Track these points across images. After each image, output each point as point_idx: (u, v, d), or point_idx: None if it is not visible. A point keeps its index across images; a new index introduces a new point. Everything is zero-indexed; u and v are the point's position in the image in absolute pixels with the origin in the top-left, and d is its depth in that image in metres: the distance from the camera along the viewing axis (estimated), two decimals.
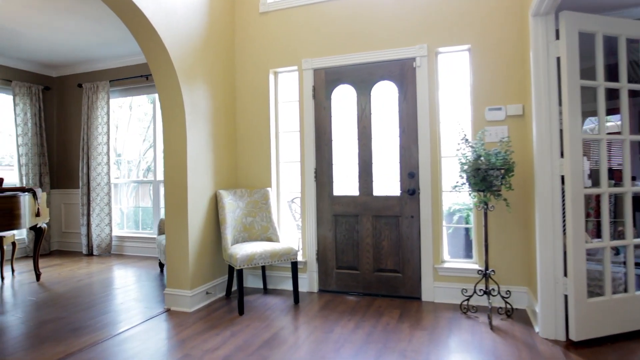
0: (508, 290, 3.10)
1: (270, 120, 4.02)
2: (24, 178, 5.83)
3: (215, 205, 3.75)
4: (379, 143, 3.73)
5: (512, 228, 3.24)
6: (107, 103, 5.88)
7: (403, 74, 3.61)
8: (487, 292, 2.98)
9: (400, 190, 3.60)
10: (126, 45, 5.30)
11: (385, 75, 3.67)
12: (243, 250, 3.31)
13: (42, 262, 5.43)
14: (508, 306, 3.13)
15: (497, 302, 3.20)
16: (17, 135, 5.79)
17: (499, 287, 3.03)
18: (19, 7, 4.01)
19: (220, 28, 3.93)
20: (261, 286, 4.03)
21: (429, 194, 3.47)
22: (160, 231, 4.71)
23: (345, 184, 3.84)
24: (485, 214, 3.04)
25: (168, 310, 3.38)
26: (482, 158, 2.92)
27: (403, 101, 3.62)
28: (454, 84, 3.66)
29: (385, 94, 3.72)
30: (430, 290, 3.46)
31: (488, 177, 2.88)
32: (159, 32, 3.14)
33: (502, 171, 2.88)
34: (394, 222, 3.62)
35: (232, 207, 3.72)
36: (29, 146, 5.89)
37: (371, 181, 3.71)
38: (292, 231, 4.64)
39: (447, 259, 3.54)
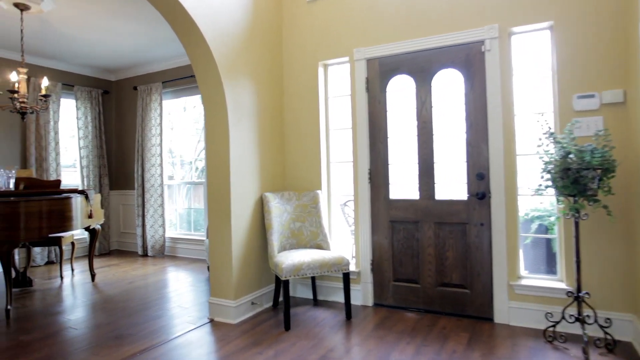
0: (608, 318, 2.52)
1: (320, 116, 3.71)
2: (85, 179, 6.00)
3: (261, 210, 3.51)
4: (442, 140, 3.28)
5: (612, 241, 2.67)
6: (160, 104, 5.90)
7: (469, 60, 3.14)
8: (580, 320, 2.45)
9: (468, 193, 3.13)
10: (176, 45, 5.24)
11: (448, 62, 3.22)
12: (289, 259, 3.03)
13: (100, 262, 5.54)
14: (608, 337, 2.56)
15: (593, 331, 2.63)
16: (79, 138, 5.97)
17: (595, 314, 2.48)
18: (74, 11, 4.02)
19: (266, 20, 3.68)
20: (311, 297, 3.73)
21: (502, 198, 2.98)
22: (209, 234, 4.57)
23: (403, 186, 3.44)
24: (577, 224, 2.50)
25: (212, 321, 3.19)
26: (572, 156, 2.40)
27: (470, 91, 3.15)
28: (531, 69, 3.12)
29: (448, 84, 3.27)
30: (505, 311, 2.96)
31: (581, 179, 2.36)
32: (198, 25, 2.94)
33: (599, 171, 2.34)
34: (460, 230, 3.16)
35: (279, 212, 3.46)
36: (89, 148, 6.05)
37: (433, 183, 3.27)
38: (346, 237, 4.30)
39: (525, 275, 3.02)
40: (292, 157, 3.84)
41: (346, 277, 3.15)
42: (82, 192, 3.98)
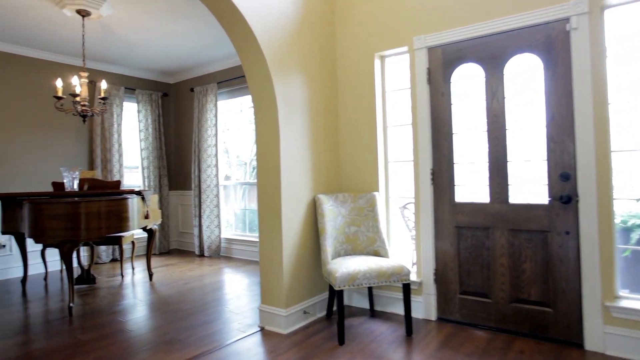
0: None
1: (376, 112, 3.44)
2: (145, 180, 6.17)
3: (314, 212, 3.30)
4: (517, 135, 2.88)
5: None
6: (215, 105, 5.91)
7: (550, 42, 2.71)
8: None
9: (549, 196, 2.71)
10: (230, 45, 5.20)
11: (524, 46, 2.81)
12: (344, 267, 2.79)
13: (159, 261, 5.65)
14: None
15: None
16: (140, 140, 6.15)
17: None
18: (131, 14, 4.07)
19: (317, 10, 3.47)
20: (367, 307, 3.47)
21: (593, 202, 2.53)
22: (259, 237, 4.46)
23: (471, 187, 3.07)
24: None
25: (262, 330, 3.03)
26: None
27: (551, 78, 2.72)
28: (629, 49, 2.63)
29: (523, 71, 2.86)
30: (599, 337, 2.51)
31: None
32: (246, 18, 2.79)
33: None
34: (539, 239, 2.74)
35: (333, 215, 3.23)
36: (150, 150, 6.22)
37: (506, 185, 2.88)
38: (405, 243, 3.99)
39: (624, 295, 2.54)
40: (347, 156, 3.60)
41: (406, 288, 2.85)
42: (138, 193, 4.02)
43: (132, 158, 6.41)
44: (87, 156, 5.64)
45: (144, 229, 4.39)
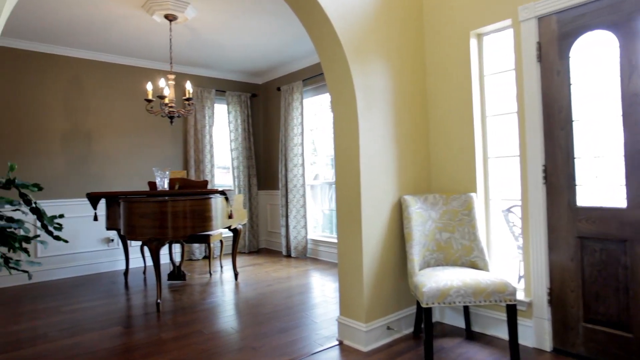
0: None
1: (473, 100, 2.95)
2: (235, 180, 6.31)
3: (399, 216, 2.93)
4: None
5: None
6: (301, 103, 5.80)
7: None
8: None
9: None
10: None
11: None
12: (433, 281, 2.38)
13: (247, 260, 5.71)
14: None
15: None
16: (231, 141, 6.30)
17: None
18: (212, 14, 4.10)
19: None
20: (462, 325, 3.00)
21: None
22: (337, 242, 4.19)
23: (598, 188, 2.45)
24: None
25: (341, 344, 2.75)
26: None
27: None
28: None
29: None
30: None
31: None
32: (320, 1, 2.53)
33: None
34: None
35: (422, 219, 2.83)
36: (239, 150, 6.34)
37: None
38: (509, 253, 3.41)
39: None
40: (437, 151, 3.16)
41: (511, 310, 2.34)
42: (222, 192, 4.02)
43: (223, 158, 6.61)
44: (182, 157, 5.91)
45: (229, 228, 4.40)
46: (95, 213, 4.22)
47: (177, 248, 5.69)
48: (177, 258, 5.56)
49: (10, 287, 4.48)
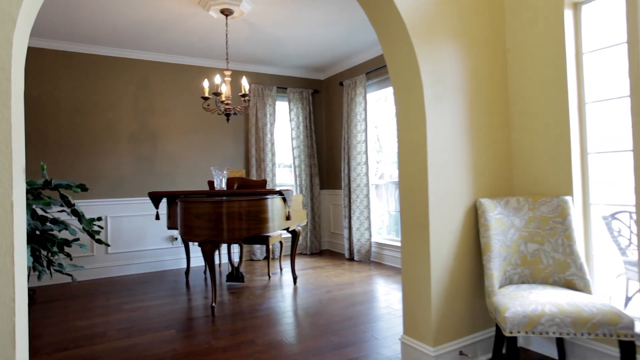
0: None
1: (567, 83, 2.43)
2: (297, 179, 6.14)
3: (474, 222, 2.50)
4: None
5: None
6: (364, 98, 5.46)
7: None
8: None
9: None
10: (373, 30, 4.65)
11: None
12: (518, 304, 1.95)
13: (308, 262, 5.51)
14: None
15: None
16: (292, 139, 6.14)
17: None
18: (267, 6, 3.91)
19: None
20: (554, 355, 2.49)
21: None
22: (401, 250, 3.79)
23: None
24: None
25: None
26: None
27: None
28: None
29: None
30: None
31: None
32: None
33: None
34: None
35: (502, 227, 2.38)
36: (301, 148, 6.16)
37: None
38: (615, 271, 2.82)
39: None
40: (521, 146, 2.67)
41: (628, 348, 1.83)
42: (279, 192, 3.82)
43: (285, 157, 6.48)
44: (244, 155, 5.86)
45: (287, 230, 4.20)
46: (157, 212, 4.25)
47: (236, 248, 5.65)
48: (237, 258, 5.51)
49: (87, 281, 4.68)
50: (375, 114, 5.79)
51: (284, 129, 6.36)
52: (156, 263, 5.18)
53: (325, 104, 6.55)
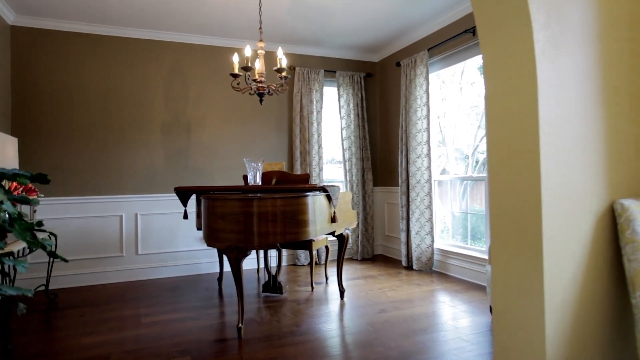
0: None
1: None
2: (347, 174, 5.41)
3: (611, 235, 1.63)
4: None
5: None
6: (426, 79, 4.61)
7: None
8: None
9: None
10: None
11: None
12: None
13: (358, 270, 4.76)
14: None
15: None
16: (342, 129, 5.42)
17: None
18: None
19: None
20: None
21: None
22: (492, 273, 2.93)
23: None
24: None
25: None
26: None
27: None
28: None
29: None
30: None
31: None
32: None
33: None
34: None
35: None
36: (351, 139, 5.42)
37: None
38: None
39: None
40: None
41: None
42: (322, 189, 3.12)
43: (333, 150, 5.77)
44: (287, 148, 5.23)
45: (333, 234, 3.49)
46: (185, 210, 3.70)
47: (274, 252, 5.02)
48: (275, 263, 4.88)
49: (115, 284, 4.28)
50: (438, 103, 4.91)
51: (333, 118, 5.65)
52: (190, 266, 4.68)
53: (379, 89, 5.75)
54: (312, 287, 4.02)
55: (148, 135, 4.56)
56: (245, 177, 4.04)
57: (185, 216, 3.71)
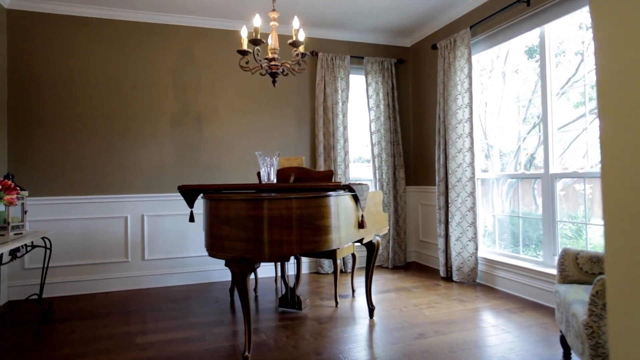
0: None
1: None
2: (376, 172, 4.84)
3: None
4: None
5: None
6: (468, 61, 3.99)
7: None
8: None
9: None
10: None
11: None
12: None
13: (389, 281, 4.18)
14: None
15: None
16: (370, 121, 4.85)
17: None
18: None
19: None
20: None
21: None
22: (566, 274, 2.30)
23: None
24: None
25: None
26: None
27: None
28: None
29: None
30: None
31: None
32: None
33: None
34: None
35: None
36: (381, 133, 4.85)
37: None
38: None
39: None
40: None
41: None
42: (347, 187, 2.58)
43: (360, 147, 5.21)
44: (309, 142, 4.71)
45: (361, 242, 2.93)
46: (192, 211, 3.23)
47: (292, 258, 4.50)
48: (293, 270, 4.37)
49: (118, 293, 3.87)
50: (482, 82, 4.28)
51: (360, 109, 5.08)
52: (200, 274, 4.23)
53: (412, 77, 5.15)
54: (337, 302, 3.47)
55: (156, 128, 4.14)
56: (259, 175, 3.54)
57: (192, 218, 3.24)
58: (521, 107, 3.93)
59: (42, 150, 3.82)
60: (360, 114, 5.08)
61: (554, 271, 3.24)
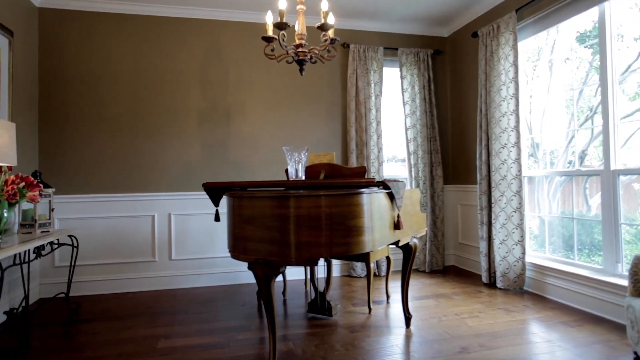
0: None
1: None
2: (412, 169, 4.55)
3: None
4: None
5: None
6: (514, 48, 3.65)
7: None
8: None
9: None
10: None
11: None
12: None
13: (426, 286, 3.90)
14: None
15: None
16: (405, 116, 4.57)
17: None
18: None
19: None
20: None
21: None
22: (637, 285, 1.97)
23: None
24: None
25: None
26: None
27: None
28: None
29: None
30: None
31: None
32: None
33: None
34: None
35: None
36: (417, 128, 4.56)
37: None
38: None
39: None
40: None
41: None
42: (381, 184, 2.34)
43: (394, 145, 4.94)
44: (341, 138, 4.49)
45: (397, 244, 2.68)
46: (217, 210, 3.08)
47: (322, 260, 4.28)
48: (323, 273, 4.15)
49: (145, 293, 3.79)
50: (526, 72, 3.92)
51: (394, 104, 4.81)
52: (228, 275, 4.10)
53: (450, 68, 4.83)
54: (370, 308, 3.23)
55: (183, 125, 4.05)
56: (287, 172, 3.35)
57: (217, 218, 3.09)
58: (569, 100, 3.55)
59: (71, 148, 3.80)
60: (394, 108, 4.81)
61: (619, 280, 2.87)
